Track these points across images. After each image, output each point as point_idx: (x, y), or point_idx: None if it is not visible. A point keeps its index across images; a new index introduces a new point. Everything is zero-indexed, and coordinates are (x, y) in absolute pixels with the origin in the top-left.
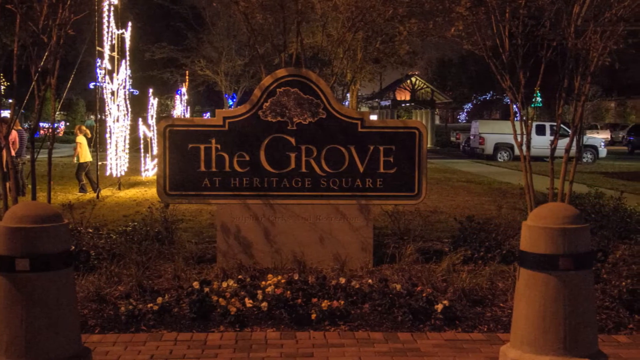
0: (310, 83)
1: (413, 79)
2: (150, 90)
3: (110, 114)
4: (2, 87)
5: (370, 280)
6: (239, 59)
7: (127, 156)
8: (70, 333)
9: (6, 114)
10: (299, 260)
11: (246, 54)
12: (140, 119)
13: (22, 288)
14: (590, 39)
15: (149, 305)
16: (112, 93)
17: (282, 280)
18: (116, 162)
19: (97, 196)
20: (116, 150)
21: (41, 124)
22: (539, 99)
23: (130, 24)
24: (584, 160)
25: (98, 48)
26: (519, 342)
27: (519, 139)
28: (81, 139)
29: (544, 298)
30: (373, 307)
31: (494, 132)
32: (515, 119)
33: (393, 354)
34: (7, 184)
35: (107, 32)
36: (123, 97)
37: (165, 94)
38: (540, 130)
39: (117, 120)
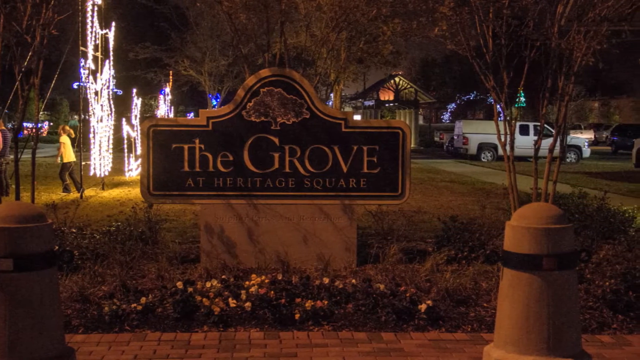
0: (293, 83)
1: (397, 79)
2: (134, 90)
3: (93, 114)
4: None
5: (353, 280)
6: (222, 59)
7: (111, 156)
8: (53, 333)
9: None
10: (283, 260)
11: (230, 54)
12: (123, 119)
13: (6, 288)
14: (574, 39)
15: (133, 305)
16: (96, 93)
17: (266, 280)
18: (100, 162)
19: (81, 196)
20: (100, 150)
21: (25, 124)
22: (522, 99)
23: (114, 24)
24: (568, 160)
25: (82, 48)
26: (502, 342)
27: (503, 139)
28: (65, 139)
29: (528, 298)
30: (357, 307)
31: (478, 132)
32: (499, 119)
33: (377, 354)
34: None
35: (91, 32)
36: (107, 97)
37: (149, 94)
38: (524, 130)
39: (101, 120)
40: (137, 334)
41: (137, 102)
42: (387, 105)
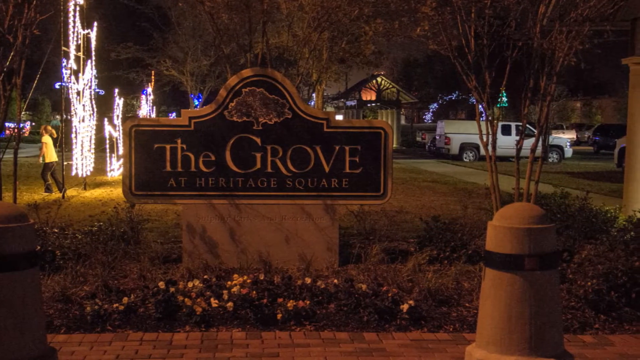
0: (275, 83)
1: (379, 79)
2: (116, 90)
3: (76, 114)
4: None
5: (335, 280)
6: (204, 59)
7: (93, 156)
8: (35, 333)
9: None
10: (265, 260)
11: (212, 54)
12: (106, 119)
13: None
14: (556, 39)
15: (115, 305)
16: (78, 93)
17: (248, 280)
18: (82, 162)
19: (63, 196)
20: (82, 150)
21: (7, 124)
22: (504, 99)
23: (95, 24)
24: (550, 160)
25: (64, 48)
26: (484, 342)
27: (485, 139)
28: (47, 139)
29: (510, 298)
30: (339, 307)
31: (460, 132)
32: (481, 119)
33: (359, 354)
34: None
35: (73, 32)
36: (89, 97)
37: (131, 94)
38: (506, 130)
39: (83, 120)
40: (119, 334)
41: (119, 102)
42: (369, 105)
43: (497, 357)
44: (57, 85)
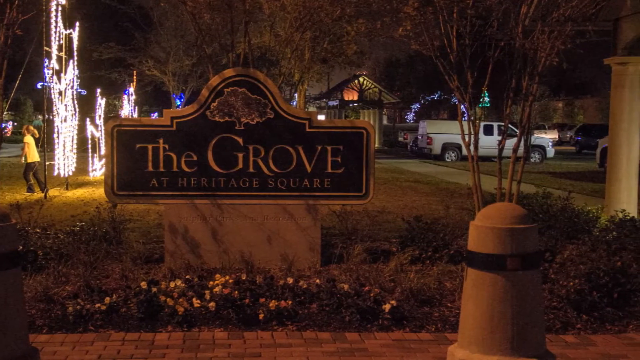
0: (258, 83)
1: (361, 79)
2: (98, 90)
3: (58, 114)
4: None
5: (318, 280)
6: (186, 59)
7: (75, 156)
8: (17, 333)
9: None
10: (247, 260)
11: (194, 54)
12: (88, 119)
13: None
14: (538, 39)
15: (97, 305)
16: (60, 93)
17: (230, 280)
18: (64, 162)
19: (45, 196)
20: (64, 150)
21: None
22: (486, 99)
23: (78, 23)
24: (532, 160)
25: (46, 48)
26: (466, 342)
27: (467, 139)
28: (29, 139)
29: (492, 298)
30: (321, 307)
31: (442, 132)
32: (463, 119)
33: (341, 354)
34: None
35: (55, 32)
36: (71, 97)
37: (113, 94)
38: (488, 130)
39: (65, 120)
40: (101, 334)
41: (101, 102)
42: (351, 105)
43: (479, 357)
44: (39, 85)
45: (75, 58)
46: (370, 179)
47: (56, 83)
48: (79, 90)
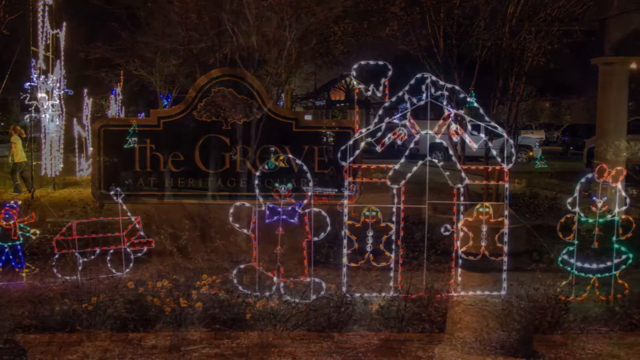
0: (245, 83)
1: (347, 79)
2: (85, 90)
3: (45, 114)
4: None
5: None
6: (173, 59)
7: (62, 156)
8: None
9: None
10: (235, 260)
11: (181, 54)
12: (75, 119)
13: None
14: (525, 39)
15: (84, 305)
16: (47, 93)
17: (217, 280)
18: (51, 162)
19: (32, 196)
20: (51, 150)
21: None
22: (473, 99)
23: (65, 24)
24: (519, 160)
25: (33, 48)
26: None
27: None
28: (16, 139)
29: None
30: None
31: (429, 132)
32: (450, 119)
33: (328, 353)
34: None
35: (42, 32)
36: (58, 97)
37: (100, 94)
38: (475, 131)
39: (52, 120)
40: (88, 334)
41: (88, 102)
42: (338, 105)
43: None
44: (26, 85)
45: (62, 58)
46: (358, 178)
47: (43, 83)
48: (66, 90)
